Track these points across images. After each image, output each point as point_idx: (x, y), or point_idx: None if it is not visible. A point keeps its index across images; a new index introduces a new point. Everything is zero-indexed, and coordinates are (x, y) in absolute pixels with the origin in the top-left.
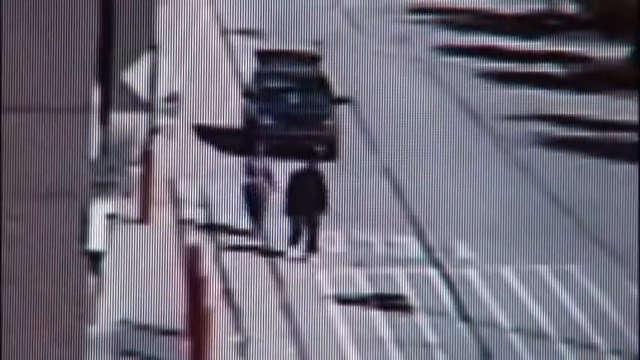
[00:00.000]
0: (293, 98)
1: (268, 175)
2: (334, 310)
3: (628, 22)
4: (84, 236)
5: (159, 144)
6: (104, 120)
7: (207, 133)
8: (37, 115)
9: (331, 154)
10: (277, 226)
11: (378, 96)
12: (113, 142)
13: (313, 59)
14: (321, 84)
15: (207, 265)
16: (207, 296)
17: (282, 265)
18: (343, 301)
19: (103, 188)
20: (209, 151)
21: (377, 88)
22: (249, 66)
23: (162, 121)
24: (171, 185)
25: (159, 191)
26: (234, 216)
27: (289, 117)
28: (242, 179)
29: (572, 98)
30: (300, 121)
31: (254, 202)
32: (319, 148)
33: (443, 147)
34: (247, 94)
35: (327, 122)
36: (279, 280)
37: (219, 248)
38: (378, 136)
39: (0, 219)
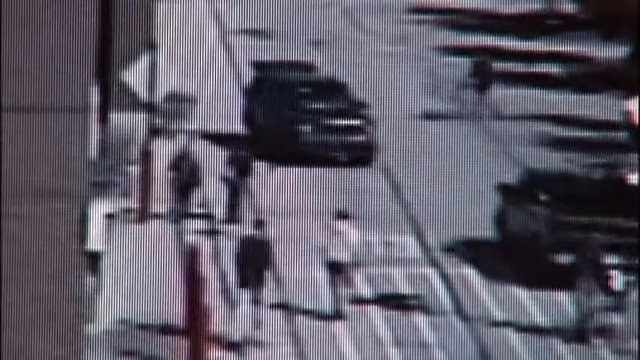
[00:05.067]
0: (321, 104)
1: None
2: (333, 309)
3: (627, 22)
4: (83, 236)
5: (159, 144)
6: (103, 120)
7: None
8: (37, 115)
9: (368, 159)
10: None
11: (378, 95)
12: (112, 142)
13: (308, 69)
14: (339, 89)
15: (206, 265)
16: (207, 296)
17: (281, 265)
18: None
19: (102, 188)
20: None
21: (377, 88)
22: (250, 76)
23: (163, 121)
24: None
25: (158, 191)
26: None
27: (326, 125)
28: None
29: (572, 98)
30: (337, 128)
31: None
32: (355, 154)
33: (443, 146)
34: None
35: (364, 127)
36: (277, 279)
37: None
38: (378, 135)
39: (0, 219)
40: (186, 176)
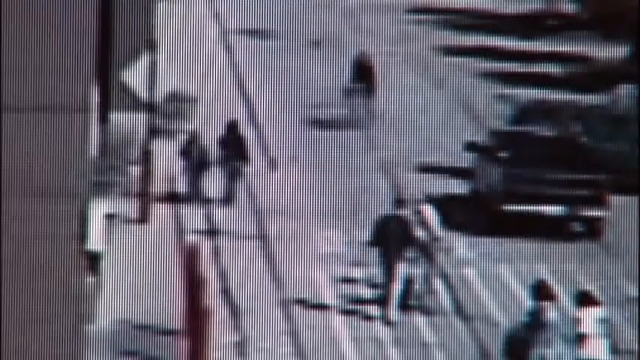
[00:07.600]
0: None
1: None
2: (333, 309)
3: (627, 22)
4: (83, 236)
5: (159, 144)
6: (103, 120)
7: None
8: (37, 115)
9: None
10: None
11: (378, 95)
12: (113, 142)
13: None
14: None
15: (206, 265)
16: (206, 296)
17: (281, 264)
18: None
19: (102, 188)
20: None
21: (377, 87)
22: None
23: (163, 121)
24: (171, 185)
25: (158, 191)
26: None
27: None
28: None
29: (572, 98)
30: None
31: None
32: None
33: (443, 146)
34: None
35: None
36: (277, 280)
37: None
38: (378, 135)
39: (0, 218)
40: (197, 160)
